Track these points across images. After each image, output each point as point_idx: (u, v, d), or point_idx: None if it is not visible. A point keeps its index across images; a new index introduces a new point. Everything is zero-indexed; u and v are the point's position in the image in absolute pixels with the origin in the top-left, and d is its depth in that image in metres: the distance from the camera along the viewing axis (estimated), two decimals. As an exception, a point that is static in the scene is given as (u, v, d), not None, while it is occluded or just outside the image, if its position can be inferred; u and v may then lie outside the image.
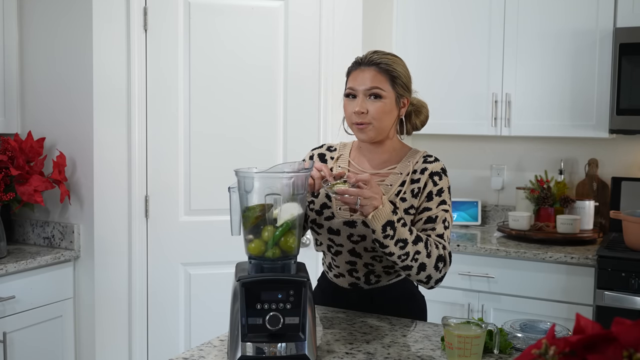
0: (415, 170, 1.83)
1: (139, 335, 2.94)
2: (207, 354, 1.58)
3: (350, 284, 1.91)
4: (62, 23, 2.86)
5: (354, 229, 1.82)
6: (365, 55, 1.83)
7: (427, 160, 1.85)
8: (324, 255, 1.96)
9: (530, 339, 1.61)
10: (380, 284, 1.90)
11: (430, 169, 1.83)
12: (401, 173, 1.84)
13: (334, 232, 1.84)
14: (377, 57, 1.81)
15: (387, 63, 1.80)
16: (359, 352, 1.59)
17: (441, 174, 1.83)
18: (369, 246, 1.82)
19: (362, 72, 1.80)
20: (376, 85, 1.78)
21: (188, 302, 2.99)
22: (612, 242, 3.00)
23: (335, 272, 1.92)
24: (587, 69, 3.07)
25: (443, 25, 3.36)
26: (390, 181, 1.84)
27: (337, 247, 1.86)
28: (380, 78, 1.79)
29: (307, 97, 3.02)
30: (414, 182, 1.82)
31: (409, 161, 1.86)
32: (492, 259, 3.00)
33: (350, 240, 1.83)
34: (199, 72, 2.93)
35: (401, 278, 1.92)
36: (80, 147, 2.85)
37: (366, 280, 1.89)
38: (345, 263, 1.87)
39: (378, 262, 1.85)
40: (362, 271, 1.87)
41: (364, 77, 1.79)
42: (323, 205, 1.87)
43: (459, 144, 3.67)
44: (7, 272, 2.57)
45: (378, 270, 1.87)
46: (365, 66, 1.80)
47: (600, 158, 3.36)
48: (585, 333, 0.78)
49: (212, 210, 2.92)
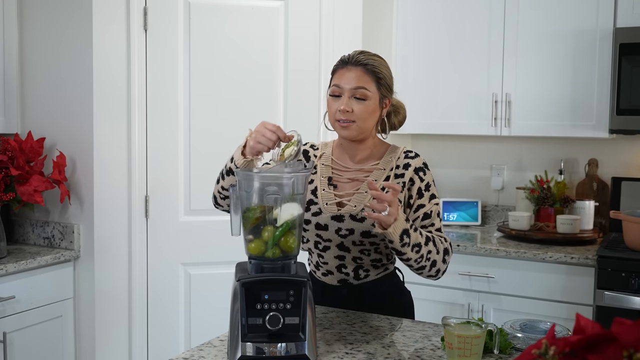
0: (398, 166, 1.89)
1: (139, 335, 2.94)
2: (207, 354, 1.58)
3: (339, 280, 1.92)
4: (62, 23, 2.86)
5: (341, 223, 1.84)
6: (352, 55, 1.85)
7: (409, 156, 1.91)
8: (310, 254, 1.98)
9: (530, 339, 1.61)
10: (369, 279, 1.91)
11: (414, 165, 1.88)
12: (384, 169, 1.89)
13: (321, 228, 1.87)
14: (364, 58, 1.83)
15: (373, 64, 1.83)
16: (359, 352, 1.59)
17: (424, 168, 1.89)
18: (357, 240, 1.84)
19: (348, 71, 1.82)
20: (362, 85, 1.81)
21: (188, 302, 2.99)
22: (612, 242, 3.00)
23: (324, 270, 1.93)
24: (587, 69, 3.07)
25: (443, 25, 3.36)
26: (374, 177, 1.89)
27: (325, 242, 1.88)
28: (366, 78, 1.82)
29: (307, 97, 3.02)
30: (398, 177, 1.87)
31: (390, 157, 1.91)
32: (492, 259, 3.00)
33: (339, 234, 1.85)
34: (199, 72, 2.93)
35: (389, 272, 1.95)
36: (80, 147, 2.85)
37: (355, 276, 1.90)
38: (334, 258, 1.89)
39: (366, 256, 1.87)
40: (350, 266, 1.89)
41: (350, 77, 1.81)
42: (309, 202, 1.89)
43: (459, 144, 3.67)
44: (7, 272, 2.57)
45: (366, 265, 1.89)
46: (352, 66, 1.82)
47: (600, 158, 3.36)
48: (585, 333, 0.78)
49: (212, 210, 2.87)
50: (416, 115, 3.29)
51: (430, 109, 3.38)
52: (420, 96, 3.39)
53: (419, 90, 3.40)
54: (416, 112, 3.28)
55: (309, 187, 1.90)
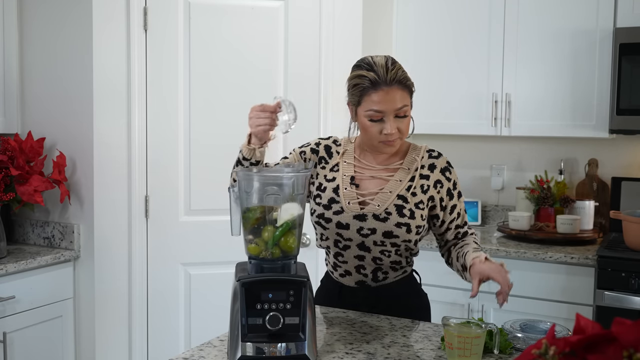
0: (423, 166, 1.89)
1: (139, 335, 2.94)
2: (207, 354, 1.58)
3: (357, 282, 1.90)
4: (62, 23, 2.86)
5: (364, 222, 1.82)
6: (381, 73, 1.76)
7: (432, 155, 1.92)
8: (328, 254, 1.96)
9: (530, 339, 1.61)
10: (387, 281, 1.90)
11: (439, 165, 1.89)
12: (409, 168, 1.89)
13: (342, 227, 1.84)
14: (395, 73, 1.77)
15: (405, 77, 1.80)
16: (359, 352, 1.59)
17: (449, 167, 1.91)
18: (379, 240, 1.82)
19: (386, 94, 1.76)
20: (405, 104, 1.79)
21: (188, 302, 2.99)
22: (612, 242, 3.00)
23: (341, 271, 1.91)
24: (587, 69, 3.07)
25: (443, 25, 3.36)
26: (399, 177, 1.87)
27: (345, 241, 1.86)
28: (404, 94, 1.80)
29: (307, 97, 3.02)
30: (423, 178, 1.87)
31: (413, 156, 1.91)
32: (492, 259, 2.99)
33: (360, 233, 1.83)
34: (198, 72, 2.93)
35: (406, 274, 1.93)
36: (80, 147, 2.85)
37: (374, 277, 1.89)
38: (354, 258, 1.87)
39: (386, 257, 1.86)
40: (369, 267, 1.87)
41: (388, 100, 1.76)
42: (331, 200, 1.86)
43: (459, 144, 3.67)
44: (7, 272, 2.57)
45: (385, 266, 1.87)
46: (387, 86, 1.76)
47: (600, 158, 3.36)
48: (585, 333, 0.78)
49: (212, 210, 2.92)
50: (416, 115, 3.22)
51: (431, 109, 3.38)
52: (420, 96, 3.35)
53: (419, 90, 3.34)
54: (416, 112, 3.21)
55: (331, 185, 1.89)
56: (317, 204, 1.88)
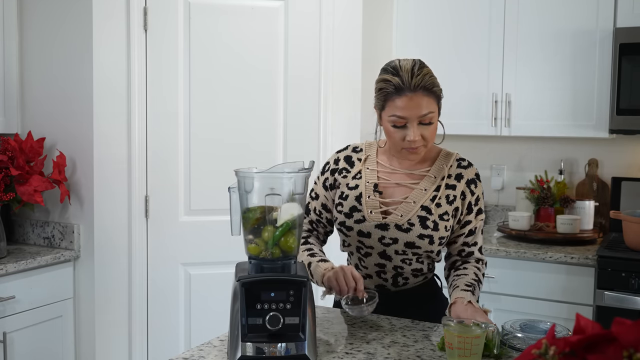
0: (450, 175, 1.83)
1: (139, 335, 2.94)
2: (207, 354, 1.58)
3: (376, 285, 1.89)
4: (62, 23, 2.86)
5: (386, 232, 1.81)
6: (406, 79, 1.71)
7: (461, 165, 1.86)
8: (350, 256, 1.95)
9: (530, 339, 1.61)
10: (407, 287, 1.89)
11: (466, 177, 1.84)
12: (435, 177, 1.83)
13: (364, 235, 1.83)
14: (421, 79, 1.71)
15: (431, 82, 1.74)
16: (359, 352, 1.59)
17: (476, 180, 1.85)
18: (400, 249, 1.81)
19: (410, 99, 1.70)
20: (430, 111, 1.73)
21: (188, 302, 2.99)
22: (612, 242, 3.00)
23: (363, 274, 1.90)
24: (587, 69, 3.07)
25: (443, 25, 3.36)
26: (424, 185, 1.82)
27: (367, 249, 1.85)
28: (430, 101, 1.73)
29: (307, 97, 3.02)
30: (449, 188, 1.82)
31: (442, 164, 1.85)
32: (492, 259, 2.99)
33: (382, 242, 1.82)
34: (198, 72, 2.93)
35: (427, 280, 1.92)
36: (80, 147, 2.85)
37: (394, 283, 1.88)
38: (374, 265, 1.86)
39: (407, 265, 1.84)
40: (390, 273, 1.86)
41: (412, 106, 1.70)
42: (353, 209, 1.84)
43: (459, 144, 3.66)
44: (7, 272, 2.57)
45: (406, 273, 1.86)
46: (412, 92, 1.70)
47: (600, 158, 3.36)
48: (585, 333, 0.78)
49: (212, 210, 2.92)
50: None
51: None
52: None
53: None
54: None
55: (354, 192, 1.85)
56: (339, 212, 1.87)
